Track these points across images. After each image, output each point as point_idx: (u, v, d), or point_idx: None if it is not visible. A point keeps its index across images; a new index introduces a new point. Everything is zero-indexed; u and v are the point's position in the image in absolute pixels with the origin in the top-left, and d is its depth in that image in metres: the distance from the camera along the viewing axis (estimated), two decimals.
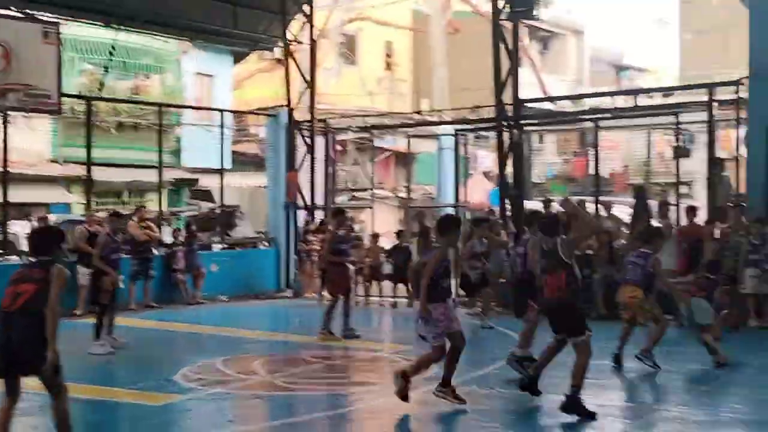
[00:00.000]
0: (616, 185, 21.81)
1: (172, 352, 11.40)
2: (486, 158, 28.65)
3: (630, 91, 21.79)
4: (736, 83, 14.72)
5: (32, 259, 6.32)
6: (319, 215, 19.43)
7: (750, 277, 12.68)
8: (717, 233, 13.51)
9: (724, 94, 15.43)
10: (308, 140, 19.56)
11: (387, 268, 16.73)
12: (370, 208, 22.60)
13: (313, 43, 19.70)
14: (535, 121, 19.79)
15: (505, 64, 16.03)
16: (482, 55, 20.63)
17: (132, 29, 19.09)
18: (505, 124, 16.18)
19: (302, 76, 19.61)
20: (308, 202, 19.41)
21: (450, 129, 20.51)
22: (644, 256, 9.30)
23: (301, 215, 19.23)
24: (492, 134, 18.93)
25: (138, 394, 8.54)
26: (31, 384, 6.43)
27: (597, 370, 9.36)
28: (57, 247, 6.37)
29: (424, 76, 30.07)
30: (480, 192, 24.40)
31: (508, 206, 16.21)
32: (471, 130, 20.16)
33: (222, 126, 19.42)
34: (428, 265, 7.52)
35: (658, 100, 19.49)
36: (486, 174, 27.56)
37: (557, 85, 35.37)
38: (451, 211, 20.52)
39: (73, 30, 21.33)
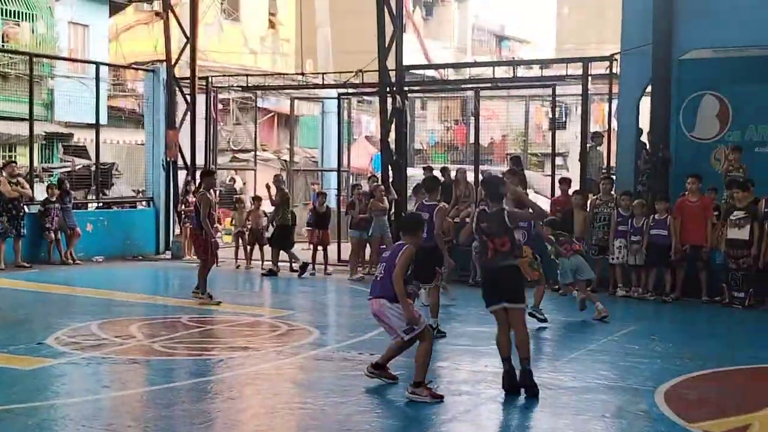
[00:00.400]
0: (495, 154, 22.33)
1: (44, 314, 11.03)
2: (370, 123, 28.81)
3: (510, 62, 22.24)
4: (610, 58, 15.25)
5: None
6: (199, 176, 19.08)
7: (618, 248, 13.28)
8: (588, 205, 14.05)
9: (599, 68, 15.97)
10: (189, 98, 19.11)
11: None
12: (253, 170, 22.41)
13: None
14: (418, 88, 19.97)
15: (389, 28, 16.06)
16: (366, 16, 20.63)
17: None
18: (388, 89, 16.25)
19: (182, 30, 19.08)
20: (189, 162, 19.02)
21: (333, 92, 20.47)
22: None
23: (182, 175, 18.83)
24: (375, 99, 19.01)
25: (7, 358, 8.24)
26: None
27: (477, 337, 9.69)
28: None
29: (308, 37, 29.77)
30: (363, 157, 24.52)
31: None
32: (354, 95, 20.17)
33: (97, 79, 18.71)
34: (400, 264, 7.20)
35: (536, 72, 19.99)
36: (369, 139, 27.70)
37: (440, 53, 35.81)
38: (334, 175, 20.57)
39: None
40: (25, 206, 15.66)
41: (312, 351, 8.97)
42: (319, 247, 16.14)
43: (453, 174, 16.18)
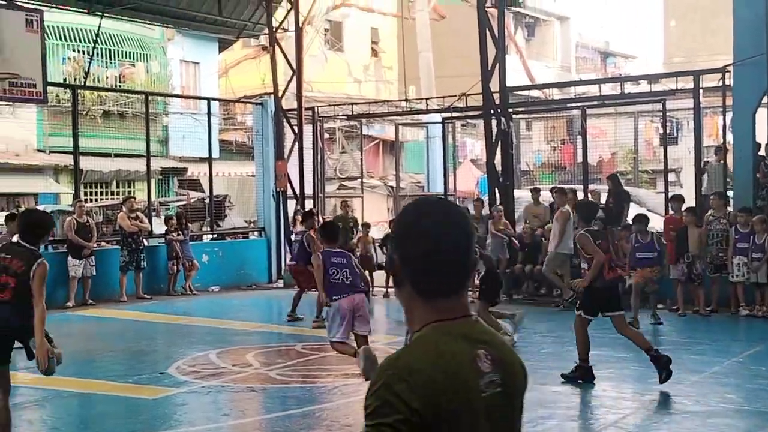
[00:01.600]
0: (604, 173, 21.87)
1: (165, 344, 11.39)
2: (474, 146, 28.72)
3: (617, 78, 21.87)
4: (722, 70, 14.75)
5: (15, 241, 6.26)
6: (308, 204, 19.40)
7: (737, 266, 12.77)
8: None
9: (710, 81, 15.47)
10: (296, 128, 19.50)
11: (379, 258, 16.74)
12: (360, 197, 22.64)
13: (298, 30, 19.61)
14: (523, 109, 19.81)
15: (491, 51, 16.01)
16: (468, 41, 20.63)
17: (116, 16, 18.93)
18: (492, 111, 16.17)
19: (288, 63, 19.52)
20: (297, 191, 19.37)
21: (437, 117, 20.52)
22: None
23: (291, 204, 19.19)
24: (480, 122, 18.95)
25: (133, 388, 8.54)
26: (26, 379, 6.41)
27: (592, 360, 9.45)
28: (45, 237, 6.37)
29: (410, 63, 30.02)
30: (469, 180, 24.45)
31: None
32: (459, 118, 20.17)
33: (209, 114, 19.29)
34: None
35: (644, 87, 19.54)
36: (474, 162, 27.61)
37: (543, 72, 35.47)
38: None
39: (57, 17, 21.14)
40: (144, 240, 16.22)
41: None
42: None
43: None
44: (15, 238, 6.50)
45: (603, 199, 15.45)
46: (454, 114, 19.30)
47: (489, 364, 1.99)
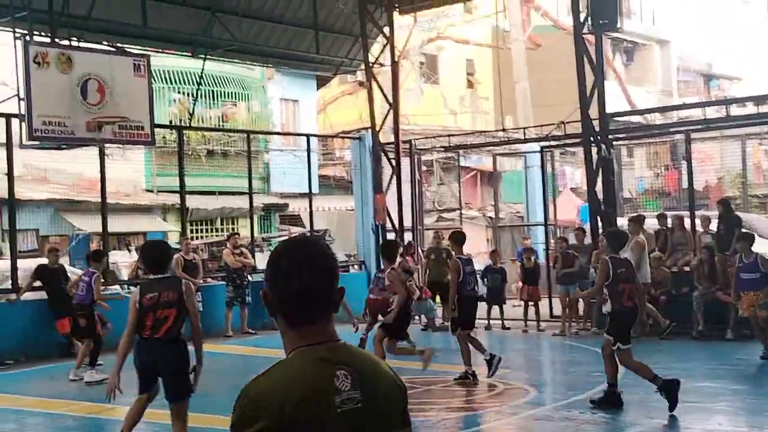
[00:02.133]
0: (711, 198, 21.20)
1: None
2: (574, 174, 28.29)
3: (721, 101, 21.15)
4: None
5: (153, 277, 6.54)
6: (407, 237, 19.44)
7: None
8: None
9: None
10: (394, 161, 19.63)
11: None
12: (459, 228, 22.54)
13: (394, 65, 19.80)
14: (624, 135, 19.41)
15: (590, 77, 15.79)
16: (565, 69, 20.41)
17: (218, 58, 19.53)
18: (592, 139, 15.91)
19: (385, 97, 19.72)
20: (396, 224, 19.45)
21: (536, 146, 20.32)
22: None
23: (390, 237, 19.25)
24: (579, 150, 18.66)
25: None
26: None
27: (706, 393, 9.10)
28: (169, 263, 6.78)
29: (507, 93, 29.91)
30: (569, 209, 24.07)
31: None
32: (557, 147, 19.91)
33: (308, 150, 19.64)
34: None
35: (751, 108, 18.90)
36: (574, 190, 27.19)
37: (644, 97, 34.77)
38: (541, 229, 20.33)
39: (162, 61, 21.95)
40: (248, 275, 16.50)
41: (531, 410, 8.77)
42: (530, 303, 15.92)
43: (669, 221, 15.53)
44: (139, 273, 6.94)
45: (714, 226, 14.96)
46: (553, 142, 19.07)
47: (348, 383, 2.24)
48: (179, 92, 25.18)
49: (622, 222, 17.16)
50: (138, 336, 6.35)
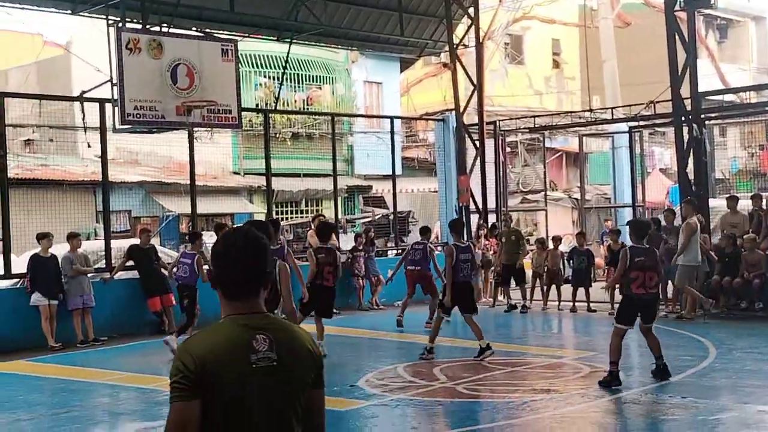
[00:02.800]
0: None
1: (354, 358, 11.63)
2: (663, 155, 27.64)
3: None
4: None
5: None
6: (491, 218, 19.33)
7: None
8: None
9: None
10: (477, 143, 19.50)
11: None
12: (544, 210, 22.32)
13: (479, 46, 19.63)
14: (716, 114, 18.84)
15: (681, 55, 15.36)
16: (654, 47, 19.91)
17: (304, 42, 19.70)
18: (683, 118, 15.49)
19: (469, 78, 19.58)
20: (480, 206, 19.35)
21: (624, 126, 19.92)
22: None
23: (474, 219, 19.18)
24: (669, 130, 18.20)
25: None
26: None
27: None
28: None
29: (594, 73, 29.33)
30: (658, 190, 23.54)
31: None
32: (646, 127, 19.49)
33: (392, 132, 19.68)
34: None
35: None
36: (664, 171, 26.57)
37: (738, 75, 33.63)
38: (628, 211, 19.97)
39: (249, 46, 22.26)
40: None
41: (618, 394, 8.64)
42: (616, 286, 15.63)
43: (764, 202, 15.04)
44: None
45: None
46: (642, 122, 18.66)
47: (266, 345, 2.75)
48: (265, 76, 25.51)
49: (715, 203, 16.72)
50: None
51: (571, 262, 16.10)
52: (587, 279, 16.02)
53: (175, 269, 12.73)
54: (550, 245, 17.15)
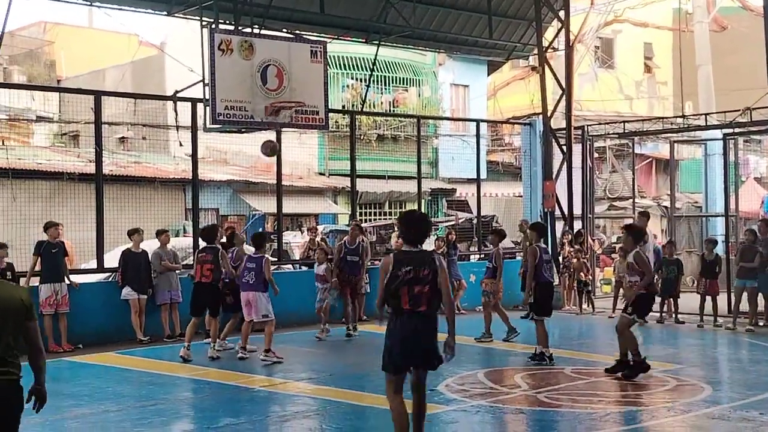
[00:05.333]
0: None
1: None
2: (759, 163, 26.75)
3: None
4: None
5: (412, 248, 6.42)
6: (577, 225, 19.02)
7: None
8: None
9: None
10: (564, 148, 19.21)
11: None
12: (632, 217, 21.84)
13: (569, 49, 19.33)
14: None
15: None
16: (751, 52, 19.29)
17: (391, 44, 19.75)
18: None
19: (558, 82, 19.31)
20: (566, 212, 19.06)
21: (717, 133, 19.34)
22: None
23: (559, 225, 18.90)
24: (766, 138, 17.61)
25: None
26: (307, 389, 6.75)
27: None
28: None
29: (687, 78, 28.61)
30: (753, 199, 22.78)
31: None
32: (742, 134, 18.88)
33: (478, 136, 19.54)
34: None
35: None
36: (759, 180, 25.71)
37: None
38: (720, 220, 19.39)
39: (337, 47, 22.46)
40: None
41: (706, 409, 8.39)
42: (708, 297, 15.22)
43: None
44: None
45: None
46: (737, 129, 18.08)
47: None
48: (352, 78, 25.70)
49: None
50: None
51: (660, 271, 15.73)
52: (676, 289, 15.64)
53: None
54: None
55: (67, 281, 12.93)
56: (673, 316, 15.58)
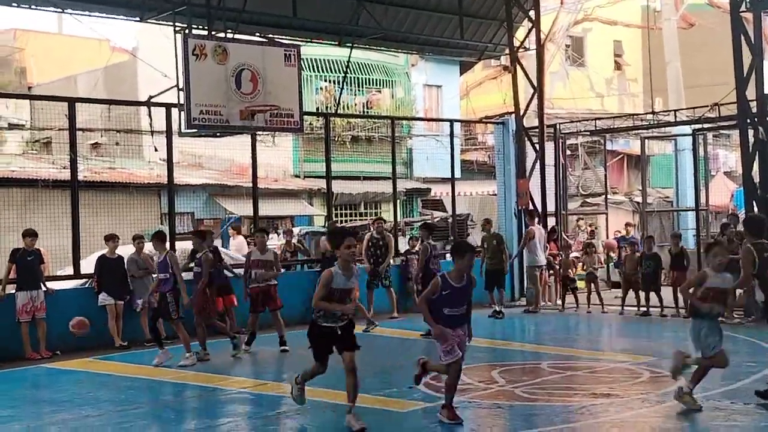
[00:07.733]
0: None
1: (413, 359, 11.68)
2: (728, 158, 27.16)
3: None
4: None
5: None
6: (551, 222, 19.24)
7: None
8: None
9: None
10: (537, 146, 19.41)
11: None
12: (605, 213, 22.12)
13: (539, 49, 19.53)
14: None
15: (747, 57, 15.13)
16: (719, 48, 19.60)
17: (364, 46, 19.85)
18: (749, 121, 15.25)
19: (529, 81, 19.50)
20: (540, 209, 19.25)
21: (687, 129, 19.65)
22: None
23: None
24: (734, 132, 17.91)
25: (384, 401, 8.88)
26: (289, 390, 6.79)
27: None
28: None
29: (657, 75, 28.96)
30: (722, 194, 23.15)
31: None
32: (711, 129, 19.20)
33: (451, 135, 19.70)
34: None
35: None
36: (728, 174, 26.11)
37: None
38: (691, 214, 19.70)
39: (310, 50, 22.52)
40: (390, 259, 16.76)
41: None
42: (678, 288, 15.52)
43: None
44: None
45: None
46: (706, 125, 18.39)
47: None
48: (326, 80, 25.78)
49: None
50: None
51: (640, 266, 16.05)
52: (656, 283, 15.97)
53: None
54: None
55: (43, 288, 12.93)
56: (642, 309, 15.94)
